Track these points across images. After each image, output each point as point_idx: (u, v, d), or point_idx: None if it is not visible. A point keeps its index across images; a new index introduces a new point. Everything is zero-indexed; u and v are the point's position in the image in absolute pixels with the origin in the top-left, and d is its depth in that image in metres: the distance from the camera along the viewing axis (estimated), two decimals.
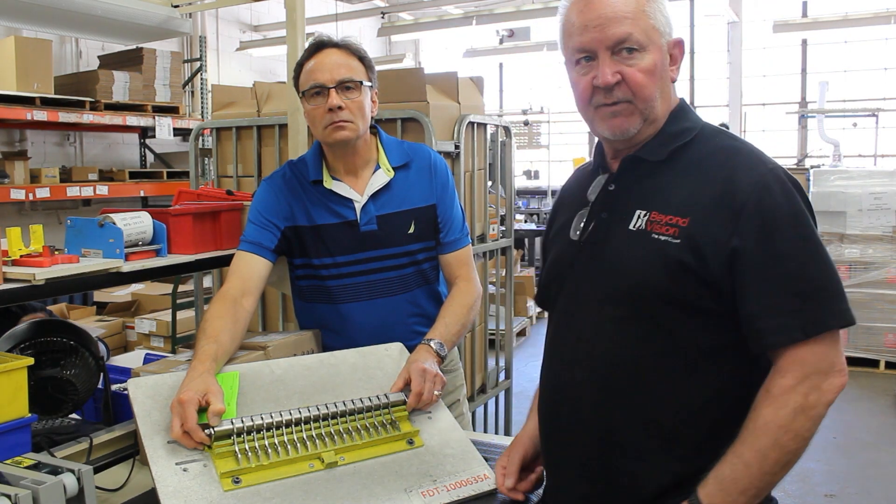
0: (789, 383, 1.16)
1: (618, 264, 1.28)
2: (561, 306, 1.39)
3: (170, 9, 4.59)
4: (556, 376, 1.39)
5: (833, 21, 9.49)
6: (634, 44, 1.24)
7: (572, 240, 1.38)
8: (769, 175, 1.21)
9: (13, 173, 5.53)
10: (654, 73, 1.26)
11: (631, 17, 1.24)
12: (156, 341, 5.06)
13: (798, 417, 1.15)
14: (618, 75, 1.25)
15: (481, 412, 3.75)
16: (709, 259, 1.19)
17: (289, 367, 1.69)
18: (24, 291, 1.61)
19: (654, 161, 1.30)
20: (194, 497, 1.35)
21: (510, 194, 3.87)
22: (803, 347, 1.16)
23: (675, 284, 1.21)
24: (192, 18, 7.84)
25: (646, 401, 1.26)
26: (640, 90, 1.25)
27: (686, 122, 1.32)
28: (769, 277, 1.17)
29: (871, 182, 6.17)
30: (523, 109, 10.86)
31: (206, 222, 2.05)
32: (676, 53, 1.30)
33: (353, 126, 1.86)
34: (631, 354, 1.26)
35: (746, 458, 1.16)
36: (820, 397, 1.15)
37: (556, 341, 1.40)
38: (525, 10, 8.79)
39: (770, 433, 1.15)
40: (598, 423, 1.30)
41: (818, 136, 9.17)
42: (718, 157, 1.26)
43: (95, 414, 2.09)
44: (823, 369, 1.16)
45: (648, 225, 1.25)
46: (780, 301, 1.17)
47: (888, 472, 4.21)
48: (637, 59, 1.24)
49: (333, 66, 1.84)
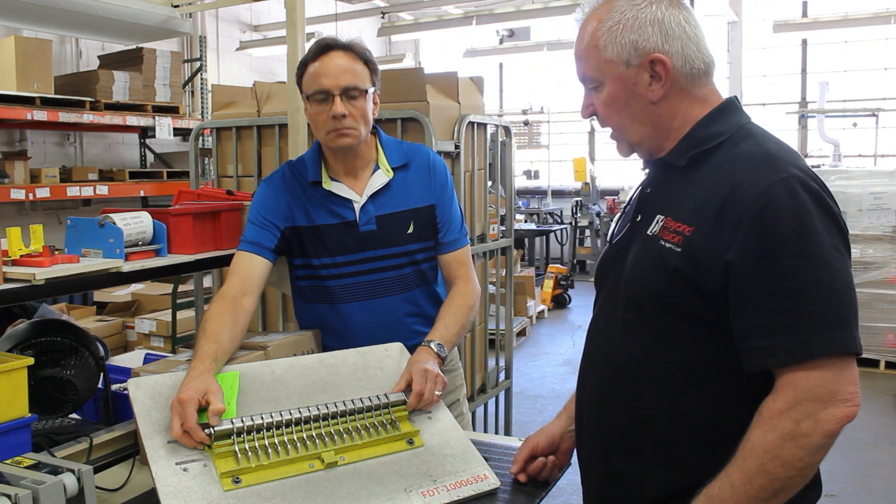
0: (780, 407, 1.11)
1: (631, 269, 1.29)
2: (596, 308, 1.43)
3: (170, 9, 4.58)
4: (582, 376, 1.43)
5: (833, 21, 9.49)
6: (591, 81, 1.31)
7: (611, 243, 1.41)
8: (779, 185, 1.14)
9: (13, 173, 5.54)
10: (612, 104, 1.29)
11: (583, 56, 1.30)
12: (156, 341, 5.06)
13: (787, 444, 1.09)
14: (591, 108, 1.33)
15: (481, 412, 3.75)
16: (705, 270, 1.17)
17: (289, 367, 1.69)
18: (24, 291, 1.61)
19: (677, 166, 1.29)
20: (194, 497, 1.35)
21: (510, 194, 3.87)
22: (798, 371, 1.10)
23: (673, 293, 1.20)
24: (192, 18, 7.84)
25: (645, 407, 1.26)
26: (606, 122, 1.33)
27: (718, 126, 1.27)
28: (762, 295, 1.12)
29: (871, 182, 6.16)
30: (523, 109, 10.86)
31: (206, 222, 2.05)
32: (660, 70, 1.25)
33: (356, 133, 1.86)
34: (634, 359, 1.27)
35: (734, 479, 1.13)
36: (815, 426, 1.09)
37: (587, 342, 1.43)
38: (525, 10, 8.79)
39: (756, 457, 1.11)
40: (603, 424, 1.33)
41: (818, 136, 9.16)
42: (736, 164, 1.21)
43: (95, 414, 2.09)
44: (821, 397, 1.09)
45: (661, 231, 1.25)
46: (771, 320, 1.12)
47: (888, 472, 4.21)
48: (599, 94, 1.30)
49: (339, 71, 1.83)
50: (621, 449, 1.30)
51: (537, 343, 7.06)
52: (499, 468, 1.59)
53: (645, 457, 1.27)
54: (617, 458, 1.30)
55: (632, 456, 1.28)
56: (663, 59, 1.24)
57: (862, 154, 9.77)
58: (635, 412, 1.27)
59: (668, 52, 1.24)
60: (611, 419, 1.31)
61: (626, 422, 1.28)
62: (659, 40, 1.24)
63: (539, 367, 6.25)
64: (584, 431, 1.41)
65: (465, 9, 9.69)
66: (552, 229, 10.26)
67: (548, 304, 8.49)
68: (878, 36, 10.06)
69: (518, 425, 4.48)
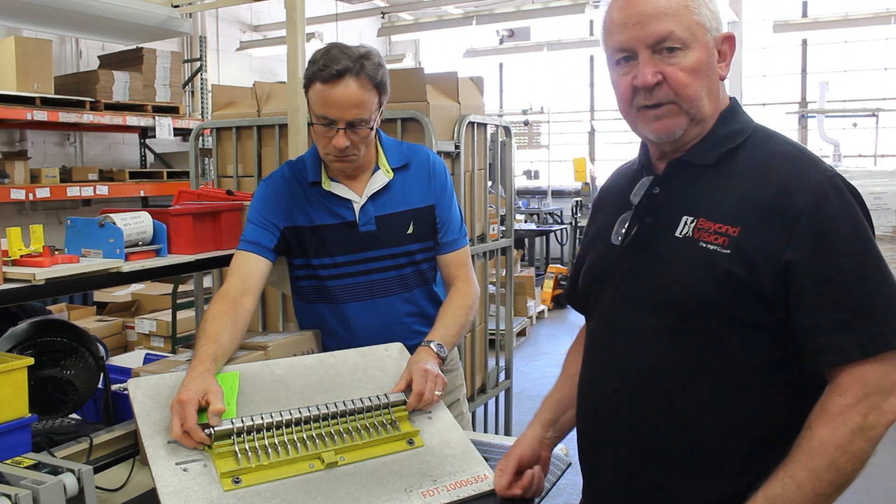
0: (848, 402, 1.10)
1: (663, 273, 1.22)
2: (601, 312, 1.35)
3: (170, 9, 4.59)
4: (596, 385, 1.34)
5: (833, 21, 9.49)
6: (676, 42, 1.18)
7: (613, 244, 1.32)
8: (827, 183, 1.14)
9: (13, 173, 5.53)
10: (699, 71, 1.19)
11: (673, 13, 1.17)
12: (156, 341, 5.06)
13: (856, 438, 1.09)
14: (659, 75, 1.19)
15: (481, 412, 3.75)
16: (760, 271, 1.14)
17: (289, 367, 1.69)
18: (24, 291, 1.61)
19: (702, 165, 1.24)
20: (194, 497, 1.35)
21: (510, 194, 3.87)
22: (864, 366, 1.10)
23: (722, 296, 1.16)
24: (192, 18, 7.84)
25: (687, 416, 1.21)
26: (683, 90, 1.19)
27: (737, 124, 1.26)
28: (826, 292, 1.11)
29: (871, 182, 6.17)
30: (523, 109, 10.86)
31: (206, 222, 2.05)
32: (726, 49, 1.23)
33: (355, 158, 1.86)
34: (673, 367, 1.21)
35: (799, 478, 1.10)
36: (880, 417, 1.10)
37: (596, 348, 1.36)
38: (525, 10, 8.79)
39: (827, 454, 1.09)
40: (636, 437, 1.25)
41: (818, 136, 9.16)
42: (773, 163, 1.19)
43: (95, 414, 2.09)
44: (885, 389, 1.10)
45: (696, 232, 1.19)
46: (837, 317, 1.11)
47: (888, 472, 4.21)
48: (679, 58, 1.18)
49: (347, 104, 1.77)
50: (661, 463, 1.23)
51: (537, 343, 7.06)
52: None
53: (689, 469, 1.21)
54: (655, 473, 1.23)
55: (674, 469, 1.22)
56: (734, 38, 1.23)
57: (862, 154, 9.76)
58: (678, 422, 1.21)
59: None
60: (648, 431, 1.24)
61: (668, 433, 1.22)
62: (722, 20, 1.23)
63: (539, 367, 6.25)
64: (600, 444, 1.32)
65: (465, 9, 9.69)
66: (552, 229, 10.26)
67: (548, 304, 8.49)
68: (878, 36, 10.05)
69: (518, 425, 4.48)
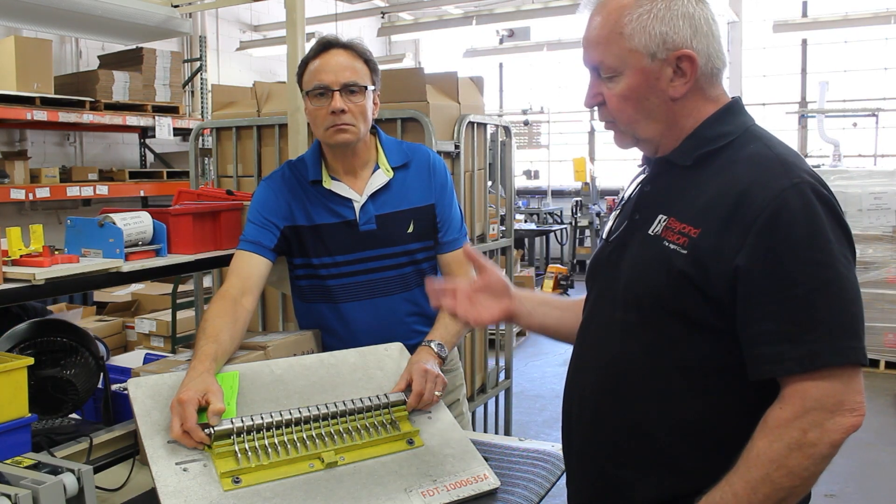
0: (787, 416, 1.09)
1: (630, 269, 1.25)
2: (588, 307, 1.38)
3: (170, 9, 4.59)
4: (571, 376, 1.38)
5: (833, 21, 9.49)
6: (607, 70, 1.23)
7: (605, 239, 1.37)
8: (791, 190, 1.12)
9: (13, 173, 5.53)
10: (629, 98, 1.23)
11: (604, 42, 1.23)
12: (156, 341, 5.06)
13: (793, 454, 1.08)
14: (599, 97, 1.26)
15: (481, 412, 3.75)
16: (712, 274, 1.14)
17: (289, 367, 1.69)
18: (24, 291, 1.61)
19: (682, 165, 1.25)
20: (194, 497, 1.35)
21: (510, 194, 3.87)
22: (807, 381, 1.08)
23: (677, 296, 1.17)
24: (192, 18, 7.84)
25: (643, 412, 1.22)
26: (616, 115, 1.26)
27: (726, 126, 1.25)
28: (772, 302, 1.10)
29: (871, 182, 6.16)
30: (523, 109, 10.86)
31: (206, 222, 2.05)
32: (685, 67, 1.21)
33: (355, 129, 1.86)
34: (634, 363, 1.23)
35: (736, 488, 1.11)
36: (822, 436, 1.07)
37: (577, 341, 1.39)
38: (525, 10, 8.79)
39: (762, 466, 1.09)
40: (597, 429, 1.29)
41: (818, 136, 9.15)
42: (741, 166, 1.18)
43: (95, 414, 2.09)
44: (829, 407, 1.08)
45: (664, 231, 1.21)
46: (781, 327, 1.09)
47: (888, 472, 4.21)
48: (613, 84, 1.24)
49: (339, 68, 1.84)
50: (615, 454, 1.26)
51: (537, 343, 7.05)
52: (499, 468, 1.59)
53: (640, 463, 1.23)
54: (610, 464, 1.27)
55: (626, 462, 1.24)
56: (692, 56, 1.21)
57: (862, 154, 9.76)
58: (632, 417, 1.23)
59: (696, 49, 1.21)
60: (605, 424, 1.27)
61: (621, 427, 1.24)
62: (688, 36, 1.20)
63: (539, 367, 6.25)
64: (573, 434, 1.36)
65: (465, 9, 9.68)
66: (552, 229, 10.26)
67: None
68: (878, 36, 10.05)
69: (518, 425, 4.48)
